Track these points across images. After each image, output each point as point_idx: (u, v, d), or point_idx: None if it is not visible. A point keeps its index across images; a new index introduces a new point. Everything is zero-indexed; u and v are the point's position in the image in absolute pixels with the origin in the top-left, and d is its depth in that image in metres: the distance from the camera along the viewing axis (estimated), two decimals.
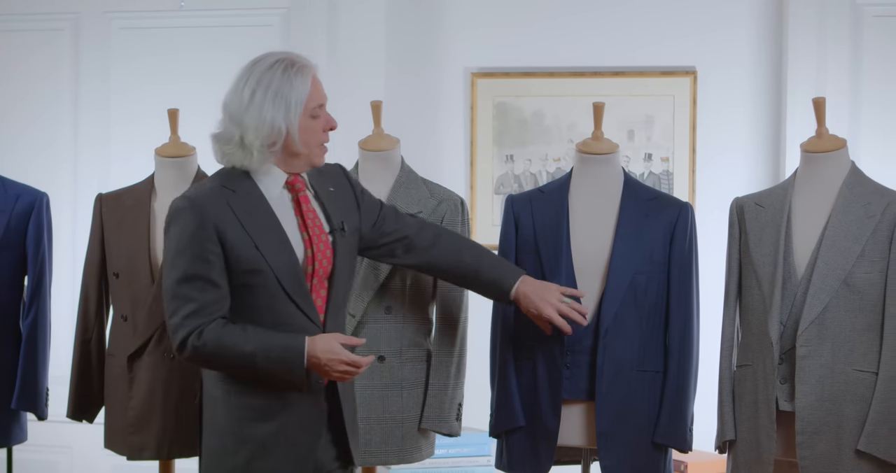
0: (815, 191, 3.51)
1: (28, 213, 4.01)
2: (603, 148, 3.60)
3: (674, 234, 3.52)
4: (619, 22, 5.29)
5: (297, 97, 3.07)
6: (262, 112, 3.06)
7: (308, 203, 3.17)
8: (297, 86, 3.08)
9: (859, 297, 3.40)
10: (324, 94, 3.15)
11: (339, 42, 5.28)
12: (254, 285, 3.08)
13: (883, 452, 3.36)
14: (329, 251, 3.16)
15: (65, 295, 5.28)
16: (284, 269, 3.08)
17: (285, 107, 3.06)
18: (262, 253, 3.06)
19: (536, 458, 3.52)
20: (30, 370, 4.00)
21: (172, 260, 3.07)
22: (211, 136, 3.15)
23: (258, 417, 3.09)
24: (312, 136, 3.13)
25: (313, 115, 3.11)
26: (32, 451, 4.74)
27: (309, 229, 3.14)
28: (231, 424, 3.10)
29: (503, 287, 3.40)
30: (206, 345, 3.03)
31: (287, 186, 3.16)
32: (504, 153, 5.32)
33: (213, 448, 3.15)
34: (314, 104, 3.11)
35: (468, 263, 3.41)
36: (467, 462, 4.61)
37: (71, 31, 5.54)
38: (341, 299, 3.21)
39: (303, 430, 3.12)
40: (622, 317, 3.46)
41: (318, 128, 3.13)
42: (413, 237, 3.39)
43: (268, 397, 3.09)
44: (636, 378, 3.48)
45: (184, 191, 3.18)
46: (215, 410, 3.14)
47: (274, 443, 3.09)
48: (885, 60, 5.08)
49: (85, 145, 5.52)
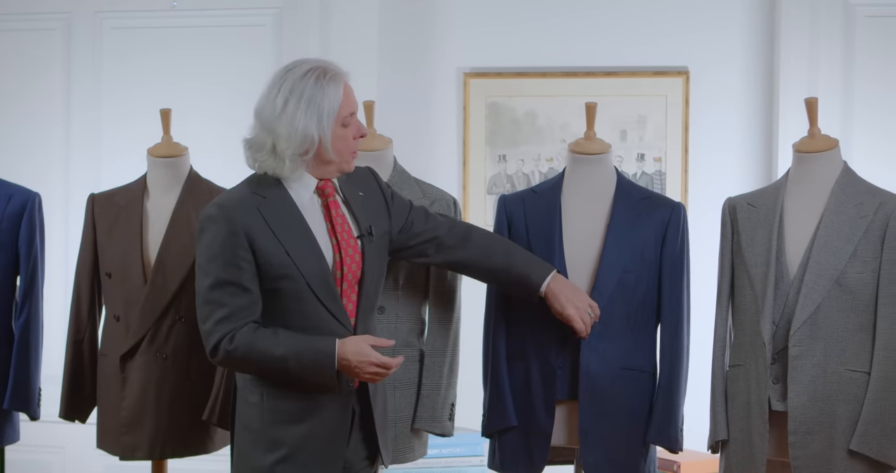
0: (808, 192, 3.51)
1: (20, 213, 4.00)
2: (595, 148, 3.60)
3: (665, 234, 3.52)
4: (612, 22, 5.29)
5: (329, 106, 3.09)
6: (294, 121, 3.06)
7: (337, 208, 3.20)
8: (330, 94, 3.09)
9: (851, 297, 3.40)
10: (355, 102, 3.17)
11: (332, 42, 5.28)
12: (285, 290, 3.11)
13: (875, 452, 3.37)
14: (358, 255, 3.18)
15: (57, 295, 5.27)
16: (315, 274, 3.11)
17: (318, 116, 3.08)
18: (292, 258, 3.09)
19: (530, 458, 3.52)
20: (22, 370, 3.99)
21: (205, 267, 3.10)
22: (243, 141, 3.16)
23: (290, 420, 3.13)
24: (344, 145, 3.15)
25: (345, 124, 3.13)
26: (25, 451, 4.72)
27: (338, 234, 3.17)
28: (263, 426, 3.14)
29: (534, 283, 3.41)
30: (237, 349, 3.06)
31: (317, 192, 3.18)
32: (497, 153, 5.32)
33: (245, 448, 3.18)
34: (346, 112, 3.13)
35: (499, 260, 3.42)
36: (460, 462, 4.61)
37: (63, 30, 5.53)
38: (372, 302, 3.24)
39: (333, 432, 3.16)
40: (609, 315, 3.46)
41: (350, 136, 3.15)
42: (443, 237, 3.42)
43: (300, 400, 3.13)
44: (620, 376, 3.48)
45: (215, 198, 3.20)
46: (249, 413, 3.17)
47: (304, 445, 3.13)
48: (878, 60, 5.08)
49: (77, 145, 5.51)
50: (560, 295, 3.39)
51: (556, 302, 3.40)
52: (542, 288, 3.40)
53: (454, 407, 3.71)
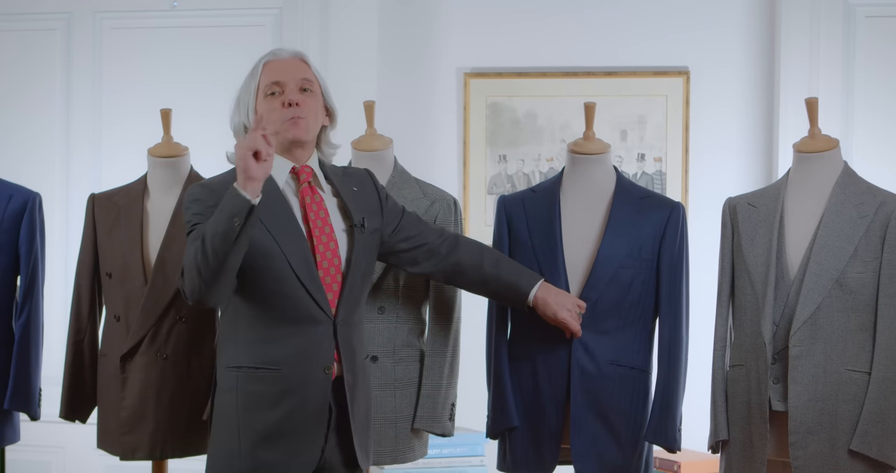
0: (808, 192, 3.52)
1: (20, 213, 4.00)
2: (594, 148, 3.60)
3: (664, 233, 3.52)
4: (612, 22, 5.29)
5: (247, 89, 3.26)
6: (232, 118, 3.30)
7: (314, 195, 3.22)
8: (248, 80, 3.27)
9: (852, 297, 3.40)
10: (280, 73, 3.24)
11: (332, 42, 5.28)
12: (265, 268, 3.13)
13: (875, 452, 3.37)
14: (333, 243, 3.20)
15: (57, 295, 5.27)
16: (295, 254, 3.14)
17: (242, 104, 3.27)
18: (274, 237, 3.13)
19: (540, 458, 3.53)
20: (22, 370, 3.99)
21: (188, 229, 3.15)
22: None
23: (266, 404, 3.13)
24: (270, 114, 3.22)
25: (267, 94, 3.23)
26: (25, 451, 4.73)
27: (311, 221, 3.19)
28: (239, 411, 3.15)
29: (522, 292, 3.43)
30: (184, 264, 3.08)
31: (292, 176, 3.23)
32: (497, 153, 5.32)
33: (220, 435, 3.19)
34: (265, 83, 3.23)
35: (488, 270, 3.44)
36: (460, 462, 4.61)
37: (63, 30, 5.53)
38: (357, 296, 3.25)
39: (309, 418, 3.15)
40: (600, 309, 3.47)
41: (276, 105, 3.22)
42: (433, 244, 3.44)
43: (276, 384, 3.13)
44: (610, 372, 3.48)
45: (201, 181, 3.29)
46: (224, 399, 3.18)
47: (281, 430, 3.13)
48: (878, 61, 5.09)
49: (77, 145, 5.51)
50: (550, 301, 3.41)
51: (548, 309, 3.42)
52: (531, 297, 3.42)
53: (454, 407, 3.71)
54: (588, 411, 3.47)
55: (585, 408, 3.47)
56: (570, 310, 3.41)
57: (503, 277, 3.44)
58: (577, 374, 3.47)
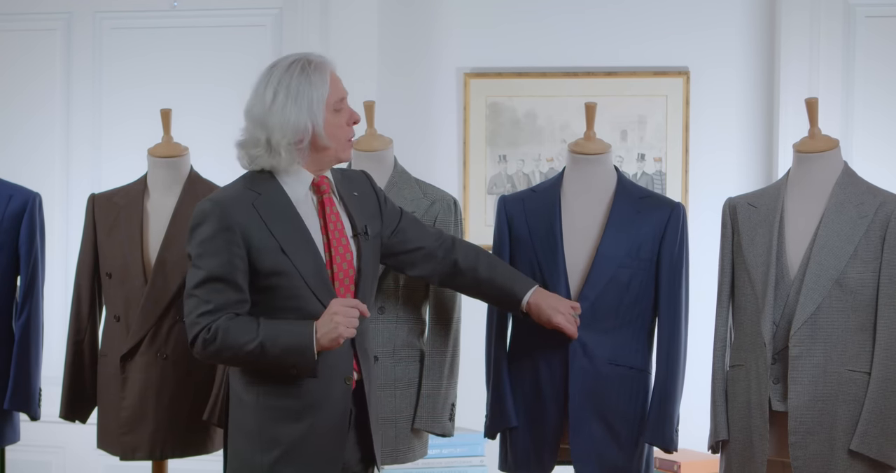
0: (808, 192, 3.51)
1: (20, 214, 4.00)
2: (594, 148, 3.60)
3: (664, 233, 3.52)
4: (612, 22, 5.28)
5: (317, 94, 3.11)
6: (285, 111, 3.09)
7: (333, 206, 3.20)
8: (316, 82, 3.12)
9: (852, 297, 3.40)
10: (344, 89, 3.19)
11: (332, 42, 5.28)
12: (279, 286, 3.09)
13: (875, 452, 3.37)
14: (349, 254, 3.18)
15: (57, 295, 5.27)
16: (311, 270, 3.10)
17: (307, 104, 3.10)
18: (287, 254, 3.08)
19: (540, 458, 3.53)
20: (22, 370, 4.00)
21: (196, 262, 3.08)
22: (236, 144, 3.17)
23: (287, 418, 3.10)
24: (338, 130, 3.16)
25: (336, 109, 3.15)
26: (25, 451, 4.73)
27: (329, 232, 3.16)
28: (260, 426, 3.11)
29: (516, 297, 3.43)
30: (215, 338, 3.03)
31: (313, 188, 3.18)
32: (497, 153, 5.32)
33: (241, 449, 3.15)
34: (335, 98, 3.15)
35: (483, 274, 3.44)
36: (460, 462, 4.61)
37: (62, 30, 5.53)
38: (368, 301, 3.23)
39: (332, 432, 3.14)
40: (597, 308, 3.47)
41: (342, 121, 3.17)
42: (430, 247, 3.43)
43: (297, 398, 3.10)
44: (608, 372, 3.48)
45: (209, 195, 3.18)
46: (244, 412, 3.14)
47: (302, 445, 3.11)
48: (878, 61, 5.08)
49: (77, 145, 5.51)
50: (543, 307, 3.41)
51: (543, 314, 3.42)
52: (525, 301, 3.42)
53: (454, 407, 3.71)
54: (587, 411, 3.47)
55: (584, 408, 3.47)
56: (564, 314, 3.41)
57: (498, 282, 3.44)
58: (575, 374, 3.47)
